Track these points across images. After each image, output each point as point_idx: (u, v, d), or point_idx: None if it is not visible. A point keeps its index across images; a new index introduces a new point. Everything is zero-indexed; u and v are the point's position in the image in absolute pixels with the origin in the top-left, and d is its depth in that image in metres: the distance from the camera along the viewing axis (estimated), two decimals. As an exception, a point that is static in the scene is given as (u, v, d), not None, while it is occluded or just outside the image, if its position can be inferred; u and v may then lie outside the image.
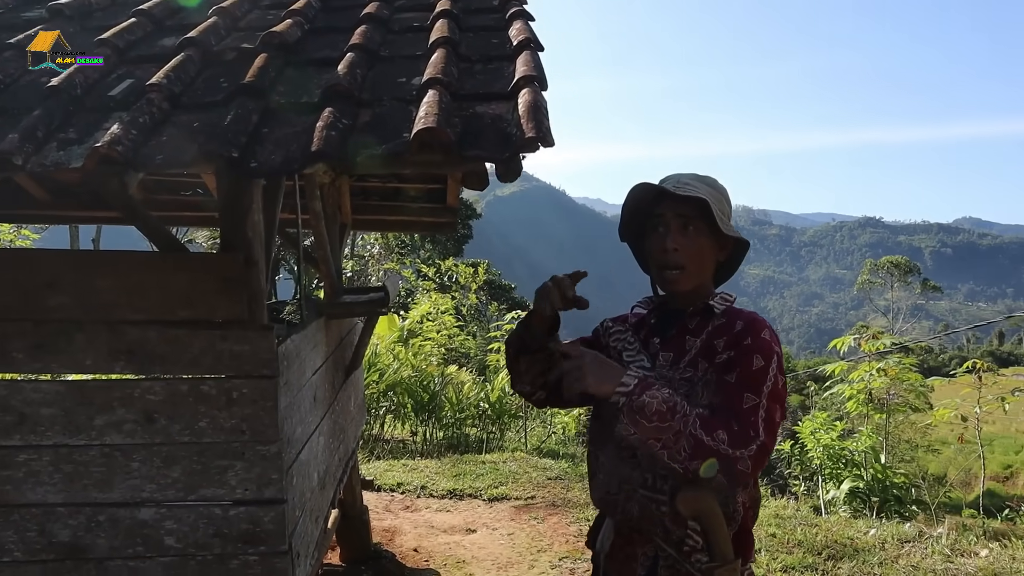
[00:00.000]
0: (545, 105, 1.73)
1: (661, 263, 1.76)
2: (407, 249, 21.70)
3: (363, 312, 3.60)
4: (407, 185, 4.61)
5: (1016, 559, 4.76)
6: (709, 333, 1.75)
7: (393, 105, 1.80)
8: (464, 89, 1.86)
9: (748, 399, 1.60)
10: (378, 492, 5.69)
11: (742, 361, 1.65)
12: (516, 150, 1.60)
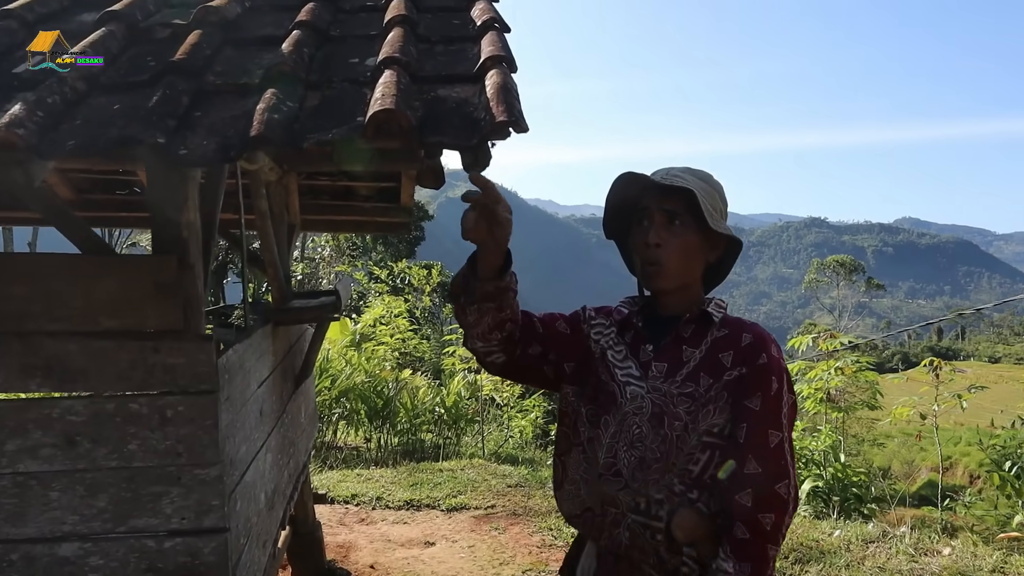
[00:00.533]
0: (516, 87, 1.56)
1: (643, 258, 1.62)
2: (359, 251, 21.32)
3: (313, 318, 3.37)
4: (359, 183, 4.40)
5: (977, 556, 4.76)
6: (710, 345, 1.60)
7: (345, 87, 1.60)
8: (424, 71, 1.67)
9: (773, 436, 1.50)
10: (331, 505, 5.44)
11: (761, 385, 1.53)
12: (485, 136, 1.42)
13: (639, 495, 1.56)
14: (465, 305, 1.60)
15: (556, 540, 4.85)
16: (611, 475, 1.60)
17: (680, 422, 1.54)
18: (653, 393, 1.58)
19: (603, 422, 1.63)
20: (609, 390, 1.64)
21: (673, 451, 1.54)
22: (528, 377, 1.78)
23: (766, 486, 1.47)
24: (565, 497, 1.72)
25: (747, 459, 1.49)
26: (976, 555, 4.77)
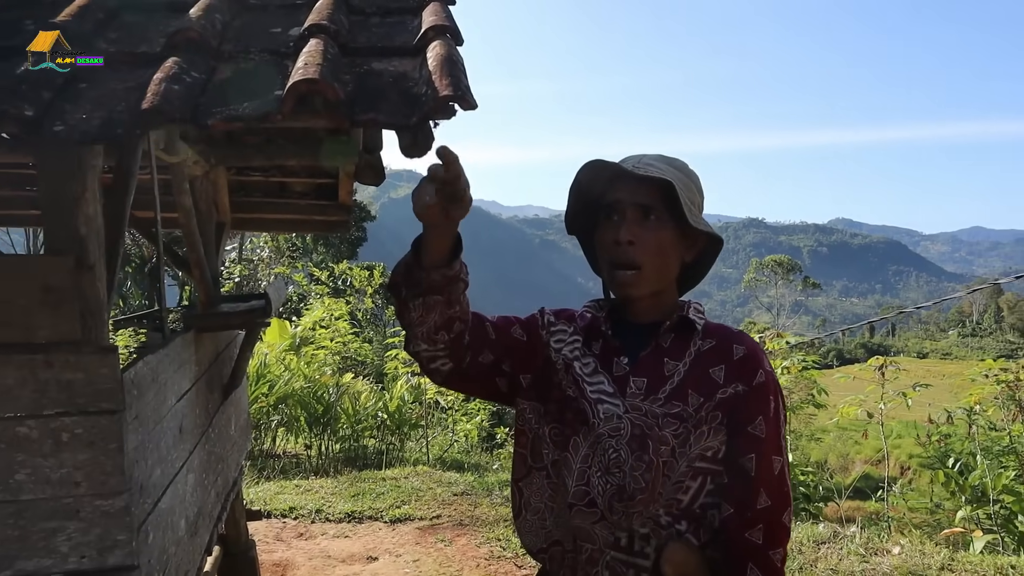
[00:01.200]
0: (462, 61, 1.36)
1: (612, 259, 1.40)
2: (299, 252, 20.76)
3: (242, 323, 3.12)
4: (294, 180, 4.14)
5: (926, 554, 4.75)
6: (695, 357, 1.41)
7: (263, 59, 1.38)
8: (357, 42, 1.46)
9: (776, 463, 1.36)
10: (268, 519, 5.15)
11: (762, 408, 1.37)
12: (427, 114, 1.22)
13: (619, 529, 1.36)
14: (408, 298, 1.37)
15: (505, 551, 4.67)
16: (584, 505, 1.38)
17: (667, 446, 1.34)
18: (632, 413, 1.38)
19: (572, 444, 1.42)
20: (578, 407, 1.42)
21: (659, 479, 1.34)
22: (478, 388, 1.56)
23: (776, 520, 1.33)
24: (526, 528, 1.50)
25: (759, 493, 1.33)
26: (924, 553, 4.76)
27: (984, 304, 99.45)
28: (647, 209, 1.38)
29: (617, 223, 1.39)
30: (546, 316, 1.56)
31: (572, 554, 1.42)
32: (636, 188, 1.38)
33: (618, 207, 1.40)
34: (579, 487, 1.39)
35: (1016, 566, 4.39)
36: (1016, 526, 5.52)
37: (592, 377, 1.44)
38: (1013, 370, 5.95)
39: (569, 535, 1.42)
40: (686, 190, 1.39)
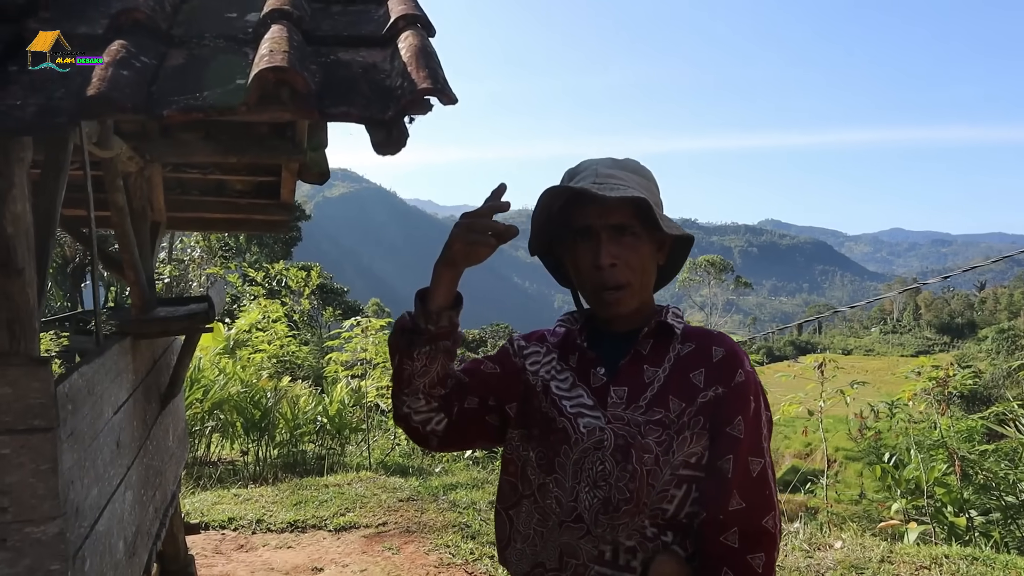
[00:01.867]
0: (435, 52, 1.27)
1: (598, 283, 1.37)
2: (232, 252, 20.17)
3: (182, 329, 2.95)
4: (233, 178, 3.97)
5: (866, 547, 4.86)
6: (675, 362, 1.38)
7: (219, 46, 1.26)
8: (321, 30, 1.35)
9: (755, 464, 1.31)
10: (206, 531, 4.92)
11: (741, 408, 1.32)
12: (404, 107, 1.13)
13: (603, 542, 1.32)
14: (415, 347, 1.35)
15: (454, 558, 4.57)
16: (571, 521, 1.35)
17: (650, 454, 1.31)
18: (615, 423, 1.34)
19: (557, 465, 1.38)
20: (558, 427, 1.39)
21: (644, 488, 1.30)
22: (473, 436, 1.52)
23: (753, 523, 1.28)
24: (514, 557, 1.45)
25: (731, 495, 1.28)
26: (864, 547, 4.88)
27: (904, 302, 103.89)
28: (621, 228, 1.35)
29: (594, 247, 1.36)
30: (516, 343, 1.56)
31: (555, 572, 1.37)
32: (606, 210, 1.35)
33: (591, 230, 1.36)
34: (569, 503, 1.36)
35: (949, 555, 4.52)
36: (946, 517, 5.72)
37: (570, 392, 1.42)
38: (943, 367, 6.17)
39: (554, 554, 1.37)
40: (651, 195, 1.37)
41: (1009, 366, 29.94)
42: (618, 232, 1.35)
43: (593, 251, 1.35)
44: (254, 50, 1.21)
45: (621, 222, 1.35)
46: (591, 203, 1.35)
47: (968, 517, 5.55)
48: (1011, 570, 4.11)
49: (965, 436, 6.09)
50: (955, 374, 6.28)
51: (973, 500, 5.69)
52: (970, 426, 6.33)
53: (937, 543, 5.24)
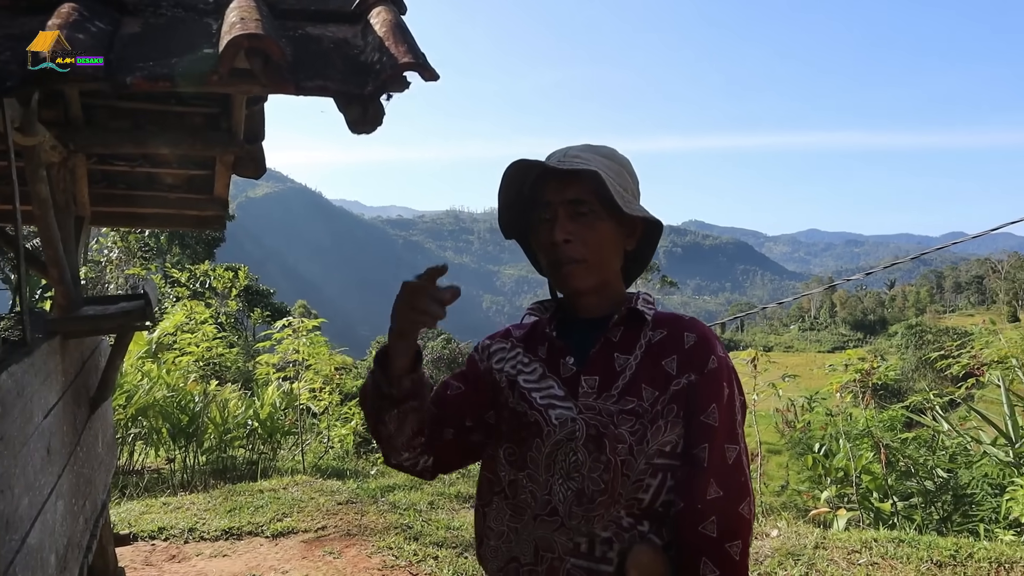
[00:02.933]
0: (409, 29, 1.22)
1: (553, 259, 1.35)
2: (152, 253, 19.40)
3: (114, 327, 2.79)
4: (163, 170, 3.78)
5: (801, 534, 5.00)
6: (646, 349, 1.35)
7: (177, 15, 1.17)
8: (286, 3, 1.28)
9: (730, 451, 1.29)
10: (135, 542, 4.69)
11: (714, 395, 1.30)
12: (384, 82, 1.07)
13: (578, 534, 1.29)
14: (383, 412, 1.34)
15: (398, 560, 4.48)
16: (546, 514, 1.32)
17: (624, 444, 1.28)
18: (586, 413, 1.32)
19: (528, 460, 1.36)
20: (529, 420, 1.37)
21: (618, 479, 1.28)
22: (464, 457, 1.51)
23: (730, 511, 1.26)
24: (489, 555, 1.42)
25: (708, 483, 1.27)
26: (799, 534, 5.01)
27: (821, 300, 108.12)
28: (578, 204, 1.34)
29: (550, 223, 1.35)
30: (481, 345, 1.54)
31: (530, 567, 1.34)
32: (563, 184, 1.34)
33: (550, 206, 1.35)
34: (543, 497, 1.33)
35: (877, 539, 4.69)
36: (872, 502, 5.95)
37: (540, 383, 1.40)
38: (868, 359, 6.41)
39: (529, 548, 1.34)
40: (616, 177, 1.35)
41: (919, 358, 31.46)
42: (575, 209, 1.34)
43: (550, 227, 1.34)
44: (216, 20, 1.13)
45: (577, 197, 1.33)
46: (551, 179, 1.35)
47: (892, 502, 5.79)
48: (933, 550, 4.29)
49: (888, 426, 6.35)
50: (879, 367, 6.54)
51: (896, 486, 5.93)
52: (892, 416, 6.60)
53: (865, 528, 5.44)
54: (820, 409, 7.27)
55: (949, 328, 44.73)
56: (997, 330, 8.01)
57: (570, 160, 1.33)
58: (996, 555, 4.12)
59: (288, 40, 1.16)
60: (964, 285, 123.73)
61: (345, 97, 1.08)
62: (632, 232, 1.42)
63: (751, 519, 1.29)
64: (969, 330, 9.80)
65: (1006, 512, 4.91)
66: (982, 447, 5.80)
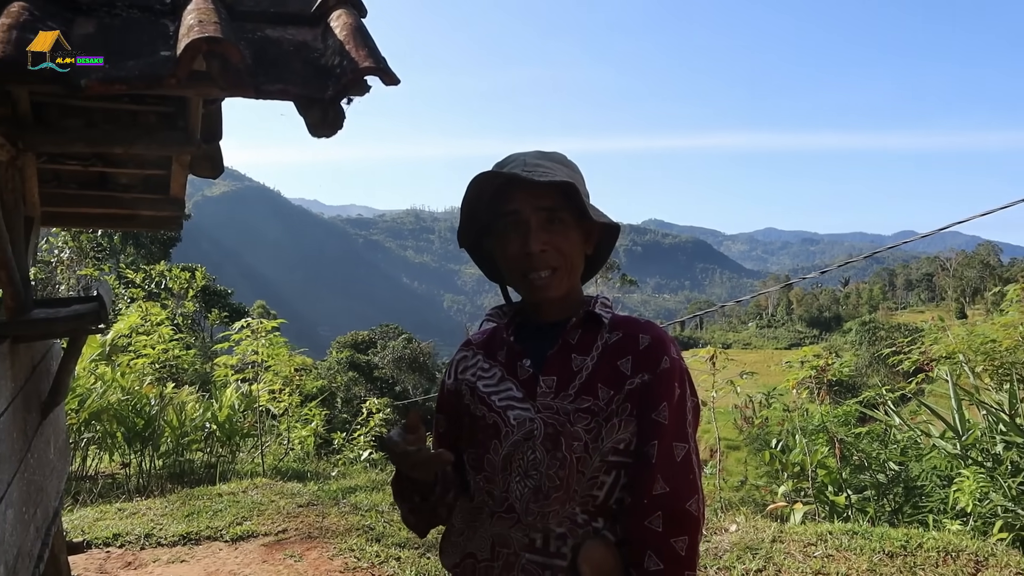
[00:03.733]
0: (369, 33, 1.22)
1: (526, 267, 1.37)
2: (106, 253, 18.94)
3: (68, 330, 2.73)
4: (117, 170, 3.70)
5: (759, 529, 5.09)
6: (603, 350, 1.38)
7: (133, 15, 1.16)
8: (244, 5, 1.27)
9: (679, 449, 1.32)
10: (89, 549, 4.58)
11: (665, 394, 1.33)
12: (345, 86, 1.07)
13: (534, 530, 1.32)
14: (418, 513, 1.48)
15: (360, 561, 4.46)
16: (503, 511, 1.35)
17: (579, 442, 1.32)
18: (544, 413, 1.35)
19: (486, 462, 1.40)
20: (488, 423, 1.40)
21: (574, 476, 1.32)
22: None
23: (676, 506, 1.29)
24: (448, 550, 1.47)
25: (655, 479, 1.30)
26: (757, 528, 5.11)
27: (777, 298, 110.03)
28: (551, 213, 1.36)
29: (523, 233, 1.36)
30: (447, 367, 1.59)
31: (487, 563, 1.37)
32: (534, 194, 1.36)
33: (519, 216, 1.37)
34: (500, 495, 1.37)
35: (832, 531, 4.80)
36: (827, 496, 6.08)
37: (499, 386, 1.43)
38: (823, 356, 6.55)
39: (486, 544, 1.38)
40: (579, 186, 1.38)
41: (872, 354, 32.22)
42: (548, 218, 1.36)
43: (522, 237, 1.36)
44: (173, 22, 1.12)
45: (551, 206, 1.36)
46: (520, 189, 1.36)
47: (847, 495, 5.92)
48: (885, 541, 4.41)
49: (842, 421, 6.50)
50: (833, 363, 6.69)
51: (850, 479, 6.07)
52: (846, 411, 6.75)
53: (820, 521, 5.56)
54: (778, 405, 7.43)
55: (901, 324, 45.93)
56: (945, 327, 8.24)
57: (535, 169, 1.35)
58: (943, 544, 4.25)
59: (247, 42, 1.15)
60: (915, 282, 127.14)
61: (305, 101, 1.08)
62: (591, 236, 1.45)
63: (699, 516, 1.32)
64: (920, 326, 10.08)
65: (953, 503, 5.06)
66: (931, 440, 5.96)
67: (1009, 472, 4.98)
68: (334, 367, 33.47)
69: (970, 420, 5.80)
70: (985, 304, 54.33)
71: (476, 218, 1.45)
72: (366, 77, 1.08)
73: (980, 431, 5.54)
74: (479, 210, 1.43)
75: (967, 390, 6.35)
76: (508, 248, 1.39)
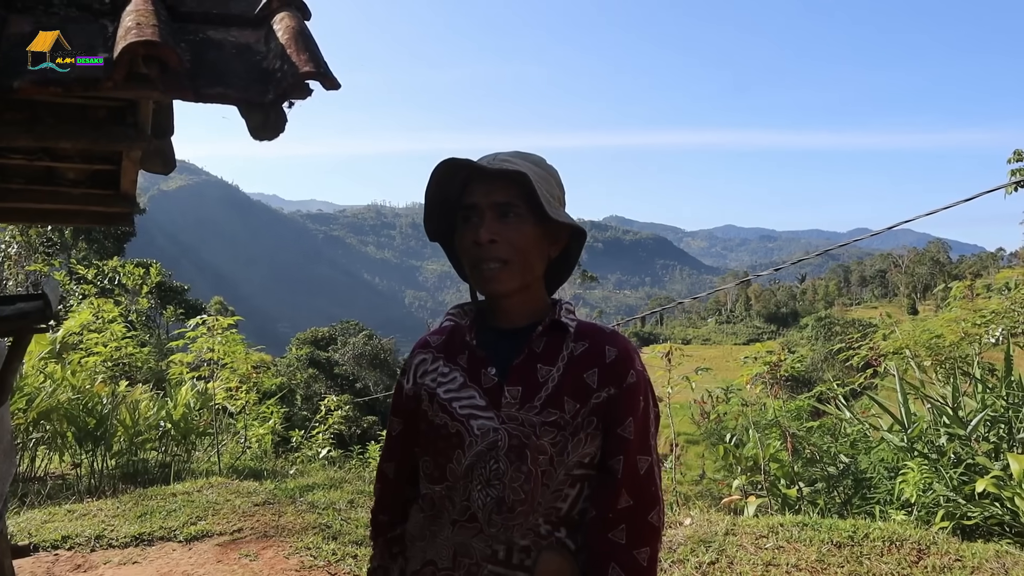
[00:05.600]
0: (313, 36, 1.23)
1: (475, 258, 1.35)
2: (56, 248, 18.46)
3: (10, 329, 2.68)
4: (64, 165, 3.62)
5: (712, 522, 5.19)
6: (568, 361, 1.37)
7: (71, 14, 1.15)
8: (186, 6, 1.26)
9: (643, 462, 1.34)
10: (36, 553, 4.48)
11: (631, 408, 1.35)
12: (285, 90, 1.07)
13: (497, 542, 1.32)
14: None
15: (316, 560, 4.44)
16: (465, 520, 1.34)
17: (545, 455, 1.32)
18: (509, 423, 1.34)
19: (448, 472, 1.37)
20: (450, 432, 1.38)
21: (538, 489, 1.32)
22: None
23: (639, 519, 1.32)
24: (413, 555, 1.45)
25: (620, 493, 1.32)
26: (711, 521, 5.20)
27: (736, 294, 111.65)
28: (505, 207, 1.35)
29: (476, 224, 1.35)
30: (404, 369, 1.54)
31: (447, 571, 1.36)
32: (492, 186, 1.35)
33: (476, 208, 1.36)
34: (461, 503, 1.35)
35: (783, 524, 4.91)
36: (779, 489, 6.22)
37: (460, 393, 1.40)
38: (776, 352, 6.69)
39: (447, 553, 1.37)
40: (543, 183, 1.37)
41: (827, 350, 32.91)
42: (502, 211, 1.35)
43: (475, 228, 1.35)
44: (113, 22, 1.11)
45: (505, 200, 1.34)
46: (478, 182, 1.35)
47: (798, 488, 6.07)
48: (833, 531, 4.53)
49: (795, 415, 6.66)
50: (786, 359, 6.84)
51: (802, 472, 6.22)
52: (798, 406, 6.92)
53: (773, 513, 5.69)
54: (735, 400, 7.58)
55: (855, 320, 46.94)
56: (895, 322, 8.48)
57: (499, 163, 1.34)
58: (889, 534, 4.38)
59: (188, 44, 1.14)
60: (869, 279, 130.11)
61: (246, 104, 1.08)
62: (556, 239, 1.43)
63: (660, 527, 1.35)
64: (873, 322, 10.35)
65: (899, 493, 5.22)
66: (880, 433, 6.13)
67: (951, 463, 5.15)
68: (293, 364, 33.13)
69: (916, 413, 5.97)
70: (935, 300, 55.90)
71: (445, 213, 1.44)
72: (307, 81, 1.09)
73: (925, 424, 5.72)
74: (446, 204, 1.43)
75: (914, 384, 6.54)
76: (464, 239, 1.38)
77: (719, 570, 4.21)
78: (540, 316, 1.43)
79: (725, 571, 4.18)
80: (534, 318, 1.42)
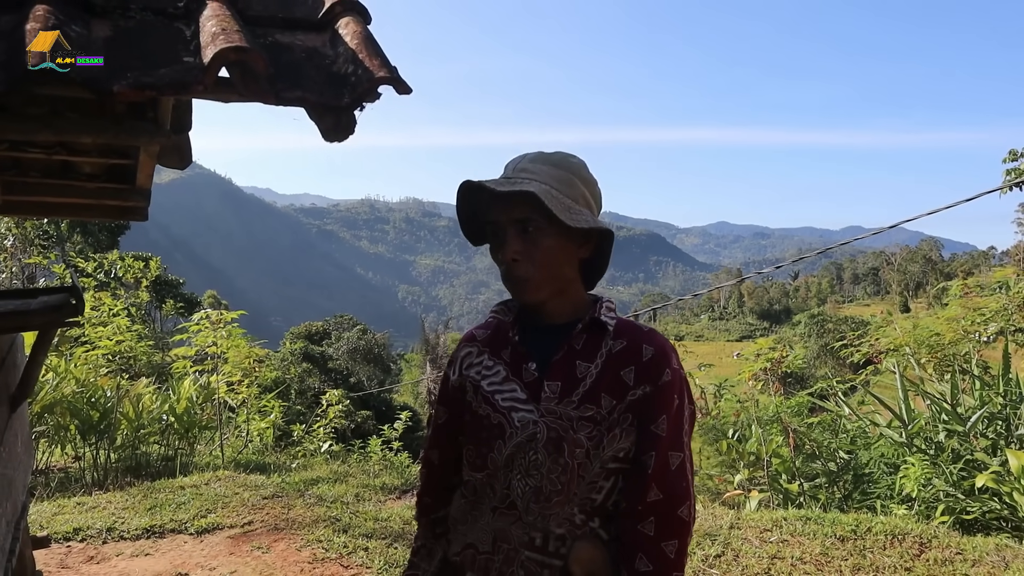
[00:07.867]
0: (377, 40, 1.26)
1: (504, 272, 1.42)
2: (52, 240, 18.39)
3: (40, 324, 2.70)
4: (81, 159, 3.64)
5: (717, 516, 5.25)
6: (607, 358, 1.41)
7: (147, 19, 1.18)
8: (252, 9, 1.30)
9: (674, 458, 1.38)
10: (47, 546, 4.51)
11: (665, 406, 1.38)
12: (360, 94, 1.11)
13: (534, 529, 1.38)
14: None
15: (328, 552, 4.49)
16: (505, 508, 1.40)
17: (582, 449, 1.37)
18: (548, 417, 1.39)
19: (489, 461, 1.43)
20: (492, 423, 1.44)
21: (575, 481, 1.37)
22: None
23: (669, 512, 1.36)
24: (454, 537, 1.52)
25: (650, 487, 1.36)
26: (715, 515, 5.26)
27: (729, 291, 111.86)
28: (524, 222, 1.39)
29: (501, 242, 1.41)
30: (452, 360, 1.60)
31: (487, 555, 1.42)
32: (507, 205, 1.39)
33: (498, 224, 1.41)
34: (502, 491, 1.41)
35: (787, 518, 4.98)
36: (781, 484, 6.29)
37: (503, 386, 1.45)
38: (778, 349, 6.76)
39: (487, 537, 1.42)
40: (564, 186, 1.40)
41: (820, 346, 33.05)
42: (521, 227, 1.39)
43: (501, 246, 1.40)
44: (188, 26, 1.15)
45: (523, 216, 1.38)
46: (494, 199, 1.39)
47: (800, 483, 6.14)
48: (836, 525, 4.60)
49: (795, 411, 6.72)
50: (788, 356, 6.90)
51: (803, 468, 6.29)
52: (799, 402, 6.99)
53: (775, 508, 5.75)
54: (731, 397, 7.64)
55: (848, 317, 47.12)
56: (892, 320, 8.55)
57: (517, 175, 1.38)
58: (891, 528, 4.45)
59: (261, 48, 1.18)
60: (861, 276, 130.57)
61: (325, 108, 1.12)
62: (584, 241, 1.45)
63: (690, 521, 1.39)
64: (866, 319, 10.44)
65: (899, 488, 5.30)
66: (879, 429, 6.20)
67: (950, 459, 5.23)
68: (288, 358, 33.06)
69: (915, 410, 6.05)
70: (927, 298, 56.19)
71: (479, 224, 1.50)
72: (380, 86, 1.13)
73: (924, 420, 5.79)
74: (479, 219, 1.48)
75: (913, 381, 6.61)
76: (493, 254, 1.44)
77: (725, 563, 4.27)
78: (580, 314, 1.47)
79: (731, 564, 4.24)
80: (574, 316, 1.47)
